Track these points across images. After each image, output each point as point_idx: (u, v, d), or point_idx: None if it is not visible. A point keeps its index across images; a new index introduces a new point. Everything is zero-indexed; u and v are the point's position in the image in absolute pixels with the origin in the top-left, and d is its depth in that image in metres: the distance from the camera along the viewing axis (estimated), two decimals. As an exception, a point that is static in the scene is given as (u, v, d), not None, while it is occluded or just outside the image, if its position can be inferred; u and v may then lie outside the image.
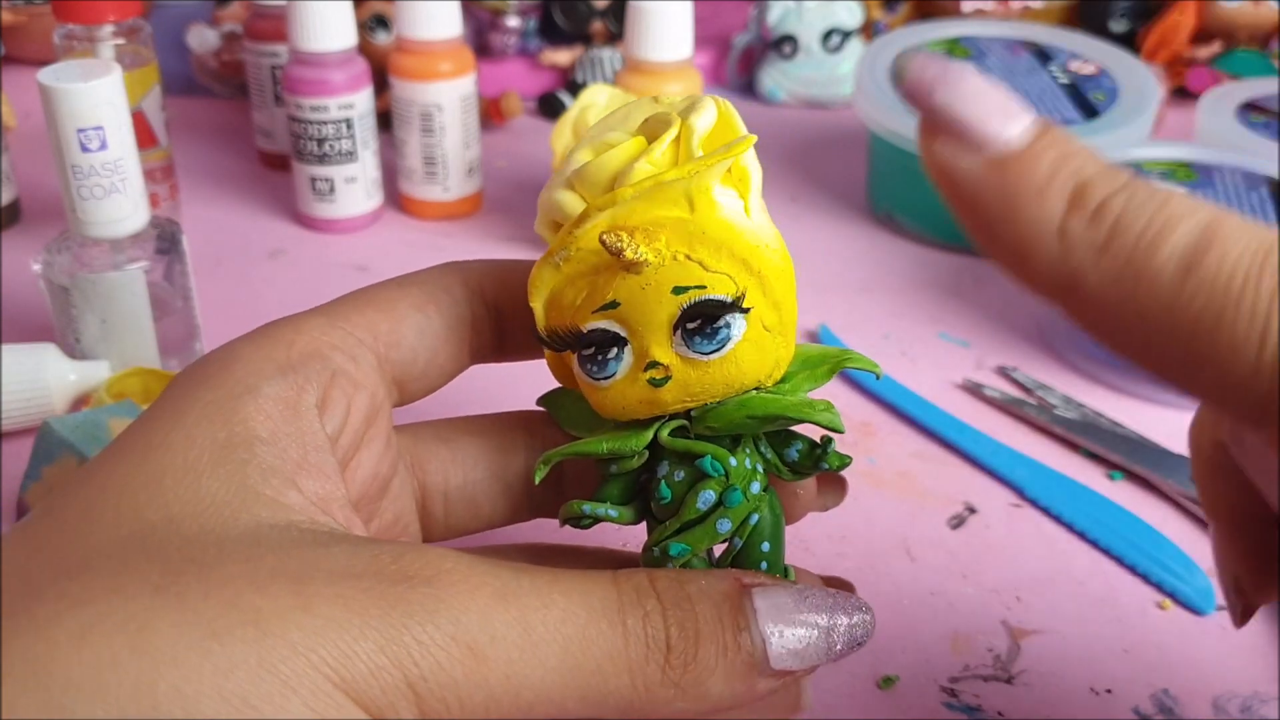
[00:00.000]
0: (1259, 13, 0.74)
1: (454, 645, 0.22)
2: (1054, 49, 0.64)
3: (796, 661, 0.26)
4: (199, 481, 0.24)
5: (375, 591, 0.22)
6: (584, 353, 0.27)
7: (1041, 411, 0.47)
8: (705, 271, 0.26)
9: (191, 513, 0.23)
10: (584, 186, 0.28)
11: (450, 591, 0.23)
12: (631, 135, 0.29)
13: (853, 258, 0.60)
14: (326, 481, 0.26)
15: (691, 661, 0.25)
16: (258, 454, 0.25)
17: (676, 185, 0.26)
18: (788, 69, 0.77)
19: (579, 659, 0.23)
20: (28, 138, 0.67)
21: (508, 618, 0.23)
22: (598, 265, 0.27)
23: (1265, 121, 0.58)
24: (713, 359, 0.27)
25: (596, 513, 0.28)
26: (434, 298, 0.30)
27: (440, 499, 0.32)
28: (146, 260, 0.45)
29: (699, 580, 0.26)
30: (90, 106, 0.41)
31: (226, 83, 0.74)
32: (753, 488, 0.28)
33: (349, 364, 0.28)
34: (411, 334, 0.30)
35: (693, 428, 0.28)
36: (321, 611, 0.21)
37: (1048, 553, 0.40)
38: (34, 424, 0.44)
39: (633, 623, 0.24)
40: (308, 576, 0.22)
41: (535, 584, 0.24)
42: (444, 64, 0.58)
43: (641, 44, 0.56)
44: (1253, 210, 0.49)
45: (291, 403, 0.26)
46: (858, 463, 0.44)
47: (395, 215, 0.63)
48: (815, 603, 0.26)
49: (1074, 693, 0.35)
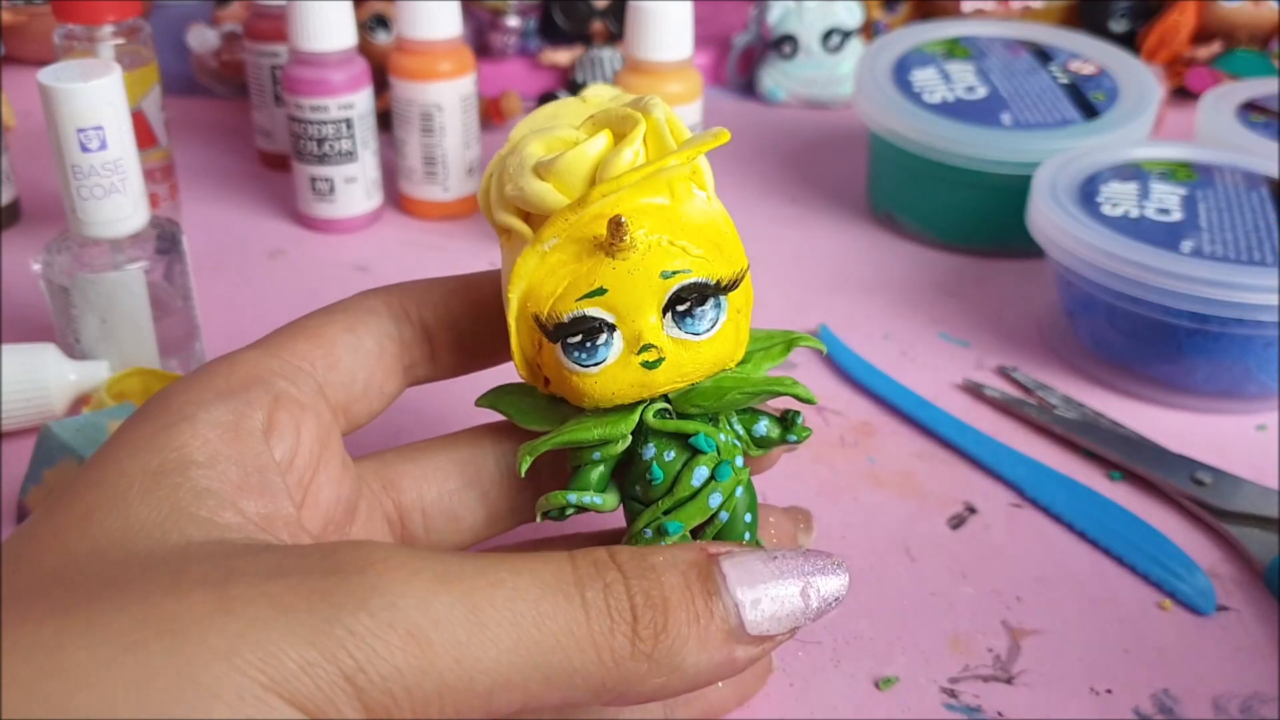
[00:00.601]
0: (1259, 13, 0.74)
1: (391, 632, 0.21)
2: (1054, 49, 0.64)
3: (774, 625, 0.25)
4: (128, 510, 0.23)
5: (303, 587, 0.21)
6: (571, 340, 0.27)
7: (1041, 411, 0.47)
8: (688, 255, 0.27)
9: (119, 540, 0.23)
10: (560, 178, 0.28)
11: (385, 578, 0.21)
12: (580, 131, 0.29)
13: (853, 258, 0.60)
14: (270, 501, 0.25)
15: (662, 631, 0.23)
16: (191, 477, 0.24)
17: (674, 174, 0.27)
18: (788, 69, 0.77)
19: (535, 636, 0.22)
20: (28, 138, 0.67)
21: (450, 599, 0.22)
22: (580, 253, 0.27)
23: (1265, 121, 0.58)
24: (703, 339, 0.28)
25: (583, 501, 0.29)
26: (361, 320, 0.30)
27: (419, 515, 0.32)
28: (146, 260, 0.45)
29: (663, 551, 0.25)
30: (90, 106, 0.41)
31: (226, 83, 0.74)
32: (737, 462, 0.29)
33: (292, 388, 0.28)
34: (346, 356, 0.30)
35: (675, 408, 0.29)
36: (244, 613, 0.20)
37: (1048, 553, 0.40)
38: (34, 424, 0.44)
39: (592, 595, 0.23)
40: (231, 581, 0.21)
41: (480, 565, 0.23)
42: (444, 64, 0.58)
43: (641, 44, 0.56)
44: (1253, 210, 0.49)
45: (232, 426, 0.26)
46: (858, 463, 0.44)
47: (395, 215, 0.63)
48: (787, 565, 0.25)
49: (1074, 693, 0.35)
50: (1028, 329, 0.53)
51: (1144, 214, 0.49)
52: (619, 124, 0.29)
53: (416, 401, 0.32)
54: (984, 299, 0.56)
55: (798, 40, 0.76)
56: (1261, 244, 0.46)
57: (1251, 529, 0.40)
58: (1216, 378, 0.47)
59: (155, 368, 0.45)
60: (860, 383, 0.49)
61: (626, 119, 0.28)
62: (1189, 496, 0.42)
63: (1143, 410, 0.48)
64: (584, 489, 0.29)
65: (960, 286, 0.57)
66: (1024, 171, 0.55)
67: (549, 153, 0.29)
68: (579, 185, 0.28)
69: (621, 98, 0.31)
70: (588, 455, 0.29)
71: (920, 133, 0.57)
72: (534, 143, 0.29)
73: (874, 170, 0.63)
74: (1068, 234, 0.48)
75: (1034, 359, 0.51)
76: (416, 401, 0.32)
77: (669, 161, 0.27)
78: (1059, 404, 0.47)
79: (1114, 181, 0.51)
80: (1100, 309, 0.48)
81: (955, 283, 0.57)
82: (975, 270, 0.58)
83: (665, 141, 0.28)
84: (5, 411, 0.44)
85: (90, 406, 0.44)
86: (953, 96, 0.59)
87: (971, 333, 0.53)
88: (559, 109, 0.31)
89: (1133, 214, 0.49)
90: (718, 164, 0.69)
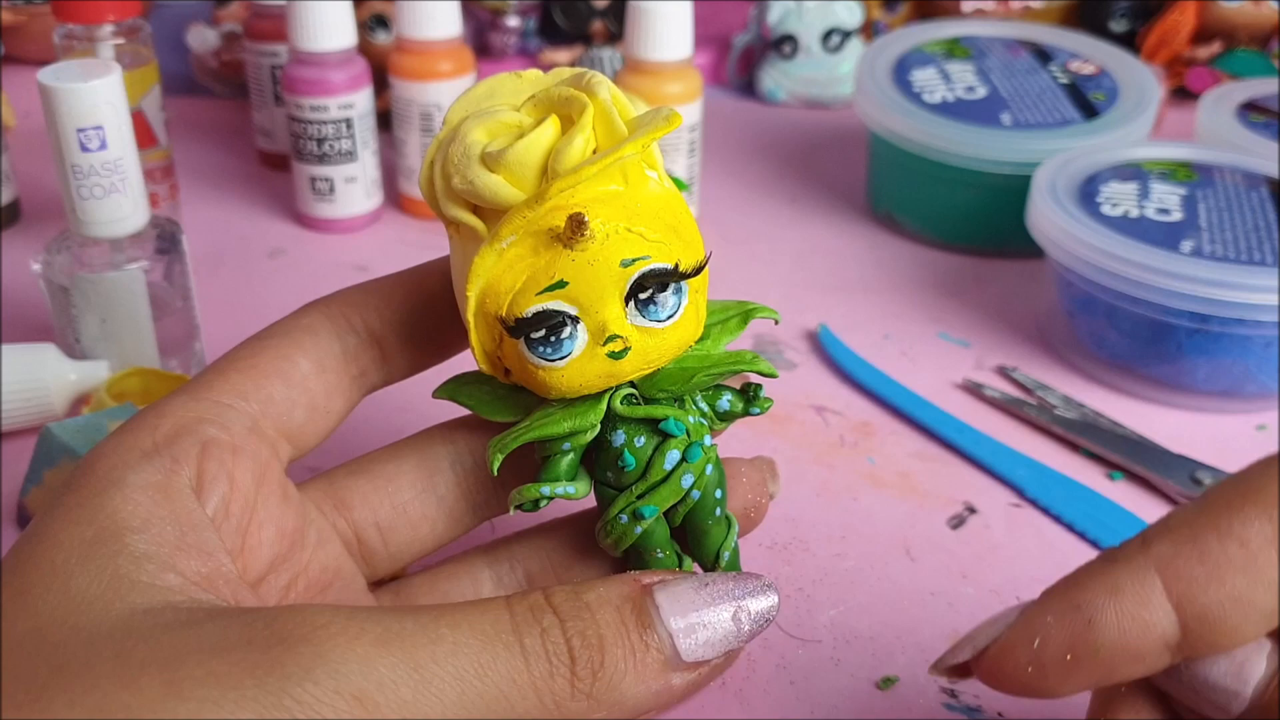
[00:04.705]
0: (1259, 13, 0.74)
1: (338, 698, 0.21)
2: (1054, 49, 0.64)
3: (708, 650, 0.25)
4: (68, 583, 0.23)
5: (248, 661, 0.21)
6: (534, 336, 0.27)
7: (1041, 412, 0.47)
8: (646, 242, 0.27)
9: (60, 616, 0.23)
10: (511, 170, 0.27)
11: (328, 645, 0.22)
12: (522, 113, 0.28)
13: (853, 258, 0.60)
14: (209, 559, 0.25)
15: (599, 669, 0.24)
16: (129, 543, 0.24)
17: (627, 159, 0.27)
18: (788, 69, 0.77)
19: (478, 688, 0.23)
20: (28, 138, 0.67)
21: (393, 660, 0.22)
22: (537, 246, 0.27)
23: (1265, 121, 0.58)
24: (666, 326, 0.28)
25: (555, 492, 0.29)
26: (295, 343, 0.30)
27: (374, 530, 0.31)
28: (146, 260, 0.45)
29: (596, 589, 0.25)
30: (90, 106, 0.41)
31: (226, 83, 0.74)
32: (706, 441, 0.29)
33: (221, 433, 0.27)
34: (279, 386, 0.29)
35: (641, 393, 0.29)
36: (194, 694, 0.21)
37: (1048, 553, 0.40)
38: (34, 424, 0.44)
39: (530, 641, 0.24)
40: (178, 661, 0.21)
41: (420, 622, 0.23)
42: (444, 64, 0.58)
43: (641, 44, 0.56)
44: (1253, 210, 0.49)
45: (162, 486, 0.25)
46: (858, 463, 0.44)
47: (395, 215, 0.63)
48: (718, 590, 0.26)
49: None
50: (1028, 329, 0.53)
51: (1144, 214, 0.49)
52: (563, 106, 0.28)
53: (369, 409, 0.31)
54: (984, 299, 0.56)
55: (798, 40, 0.76)
56: (1261, 244, 0.46)
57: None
58: (1216, 378, 0.47)
59: (155, 368, 0.45)
60: (860, 383, 0.49)
61: (572, 101, 0.27)
62: (1189, 497, 0.42)
63: (1142, 410, 0.48)
64: (555, 479, 0.29)
65: (960, 286, 0.57)
66: (1024, 171, 0.55)
67: (492, 139, 0.28)
68: (531, 176, 0.27)
69: (559, 73, 0.30)
70: (557, 445, 0.29)
71: (920, 133, 0.57)
72: (476, 129, 0.28)
73: (874, 170, 0.63)
74: (1068, 234, 0.48)
75: (1034, 359, 0.51)
76: (369, 409, 0.31)
77: (625, 152, 0.26)
78: (1059, 404, 0.47)
79: (1114, 181, 0.51)
80: (1100, 309, 0.48)
81: (955, 283, 0.57)
82: (975, 270, 0.58)
83: (614, 124, 0.27)
84: (5, 411, 0.44)
85: (90, 407, 0.44)
86: (953, 96, 0.59)
87: (971, 333, 0.53)
88: (495, 85, 0.30)
89: (1133, 214, 0.49)
90: (715, 163, 0.69)
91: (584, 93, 0.28)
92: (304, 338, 0.30)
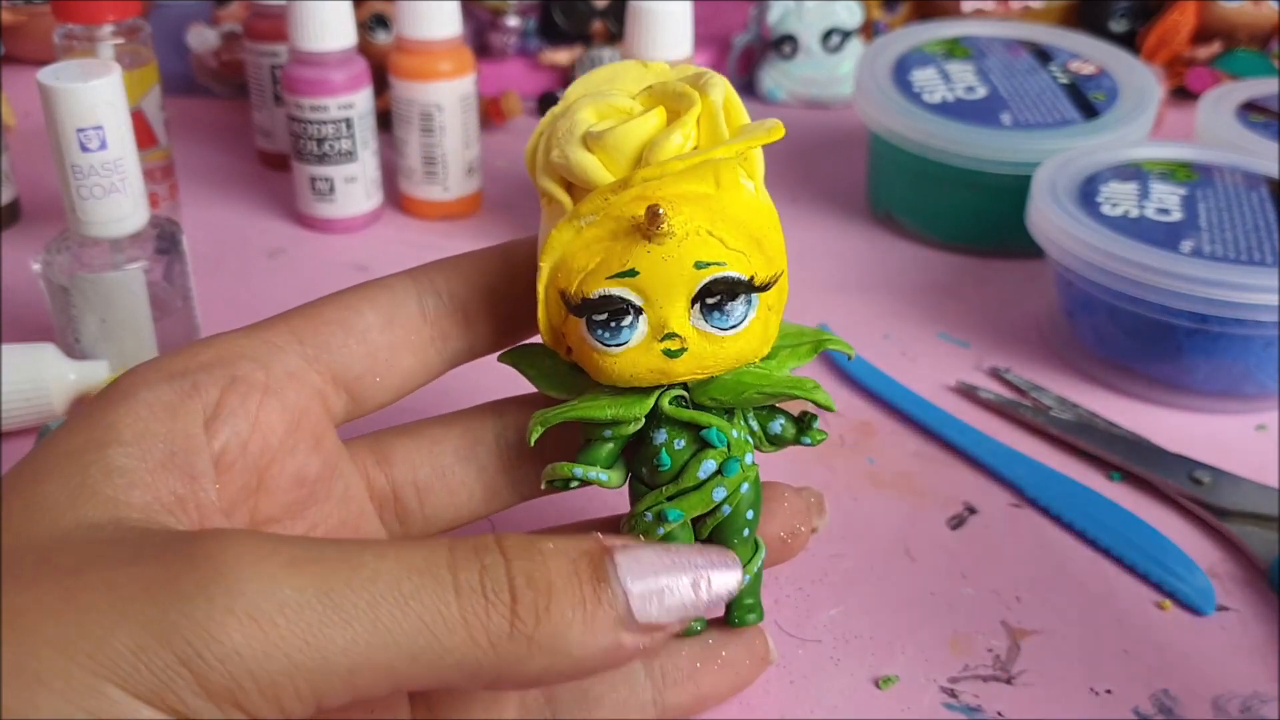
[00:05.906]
0: (1259, 13, 0.74)
1: (229, 616, 0.21)
2: (1054, 49, 0.64)
3: (663, 614, 0.25)
4: (36, 489, 0.23)
5: (147, 575, 0.21)
6: (596, 318, 0.27)
7: (1040, 413, 0.47)
8: (725, 249, 0.27)
9: (17, 523, 0.23)
10: (607, 153, 0.28)
11: (231, 564, 0.22)
12: (636, 101, 0.29)
13: (853, 258, 0.60)
14: (190, 483, 0.25)
15: (544, 612, 0.23)
16: (108, 455, 0.24)
17: (720, 163, 0.27)
18: (788, 69, 0.77)
19: (395, 617, 0.22)
20: (28, 138, 0.67)
21: (300, 583, 0.22)
22: (617, 231, 0.27)
23: (1265, 121, 0.58)
24: (728, 335, 0.27)
25: (588, 476, 0.29)
26: (367, 296, 0.30)
27: (412, 490, 0.31)
28: (146, 260, 0.45)
29: (556, 539, 0.25)
30: (90, 106, 0.41)
31: (226, 83, 0.74)
32: (747, 459, 0.29)
33: (257, 371, 0.27)
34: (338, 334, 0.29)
35: (692, 398, 0.29)
36: (83, 601, 0.21)
37: (1048, 553, 0.40)
38: (34, 424, 0.44)
39: (466, 575, 0.23)
40: (84, 569, 0.21)
41: (344, 550, 0.23)
42: (444, 64, 0.58)
43: (641, 44, 0.56)
44: (1253, 210, 0.49)
45: (170, 405, 0.25)
46: (858, 463, 0.44)
47: (395, 215, 0.63)
48: (680, 558, 0.25)
49: (1074, 693, 0.35)
50: (1027, 329, 0.53)
51: (1144, 214, 0.49)
52: (674, 101, 0.28)
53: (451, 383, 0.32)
54: (984, 299, 0.56)
55: (798, 40, 0.76)
56: (1261, 244, 0.46)
57: (1251, 527, 0.40)
58: (1216, 378, 0.47)
59: (155, 367, 0.45)
60: (860, 383, 0.49)
61: (683, 97, 0.28)
62: (1188, 496, 0.42)
63: (1142, 410, 0.48)
64: (592, 464, 0.29)
65: (960, 286, 0.57)
66: (1024, 171, 0.55)
67: (600, 120, 0.28)
68: (625, 162, 0.27)
69: (683, 69, 0.30)
70: (600, 431, 0.29)
71: (920, 133, 0.57)
72: (587, 108, 0.28)
73: (874, 170, 0.63)
74: (1067, 234, 0.48)
75: (1033, 359, 0.51)
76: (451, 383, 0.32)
77: (716, 154, 0.26)
78: (1058, 405, 0.47)
79: (1114, 181, 0.51)
80: (1100, 309, 0.48)
81: (955, 283, 0.57)
82: (975, 270, 0.58)
83: (719, 127, 0.28)
84: (5, 411, 0.44)
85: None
86: (952, 96, 0.59)
87: (971, 333, 0.53)
88: (618, 71, 0.30)
89: (1132, 214, 0.49)
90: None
91: (697, 91, 0.28)
92: (378, 293, 0.30)
